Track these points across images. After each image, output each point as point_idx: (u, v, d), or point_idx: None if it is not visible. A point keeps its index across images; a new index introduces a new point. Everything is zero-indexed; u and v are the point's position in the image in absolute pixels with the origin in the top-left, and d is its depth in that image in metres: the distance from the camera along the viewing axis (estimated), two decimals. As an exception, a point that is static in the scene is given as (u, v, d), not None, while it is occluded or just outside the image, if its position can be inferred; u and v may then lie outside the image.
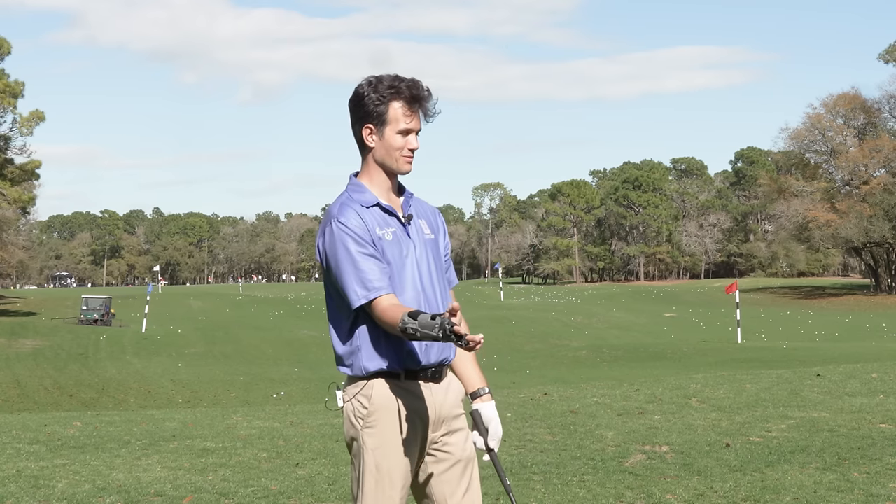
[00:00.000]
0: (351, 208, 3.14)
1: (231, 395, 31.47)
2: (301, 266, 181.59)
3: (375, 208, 3.19)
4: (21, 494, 6.43)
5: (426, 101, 3.19)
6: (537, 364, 38.09)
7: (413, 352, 3.16)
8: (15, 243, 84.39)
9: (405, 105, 3.16)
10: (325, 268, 3.18)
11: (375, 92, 3.15)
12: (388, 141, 3.18)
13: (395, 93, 3.15)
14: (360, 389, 3.16)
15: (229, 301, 76.64)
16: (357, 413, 3.16)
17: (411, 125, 3.18)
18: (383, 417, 3.13)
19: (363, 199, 3.18)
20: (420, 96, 3.17)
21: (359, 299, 3.06)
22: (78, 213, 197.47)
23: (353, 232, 3.09)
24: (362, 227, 3.11)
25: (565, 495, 6.02)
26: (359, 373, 3.16)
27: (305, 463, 7.52)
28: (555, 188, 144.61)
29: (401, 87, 3.16)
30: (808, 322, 59.61)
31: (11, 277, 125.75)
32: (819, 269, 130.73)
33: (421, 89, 3.18)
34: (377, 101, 3.15)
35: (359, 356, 3.15)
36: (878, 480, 6.08)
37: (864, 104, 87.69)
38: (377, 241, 3.14)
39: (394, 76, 3.18)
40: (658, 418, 9.29)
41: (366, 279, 3.05)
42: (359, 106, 3.19)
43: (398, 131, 3.17)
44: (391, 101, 3.15)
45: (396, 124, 3.16)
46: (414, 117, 3.18)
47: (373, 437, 3.13)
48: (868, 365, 15.58)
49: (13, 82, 61.69)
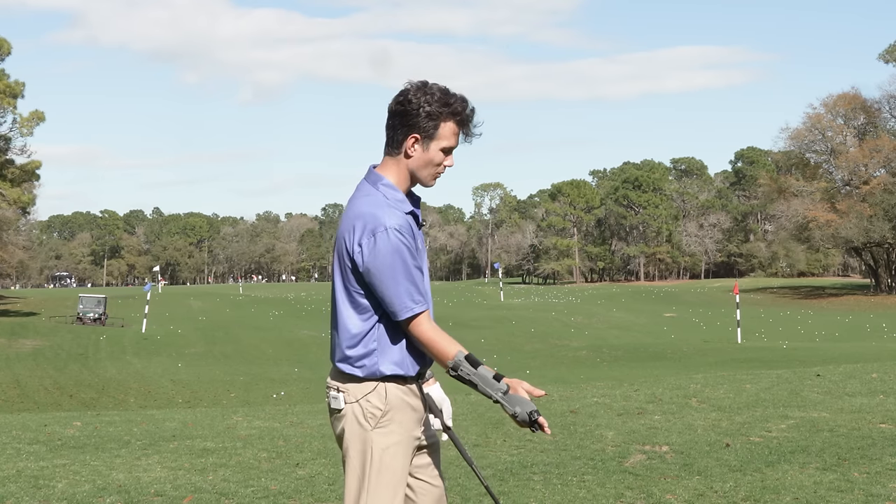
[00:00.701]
0: (400, 215, 3.12)
1: (231, 395, 31.47)
2: (301, 266, 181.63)
3: (409, 216, 3.19)
4: (21, 494, 6.43)
5: (473, 123, 3.23)
6: (537, 364, 38.10)
7: (421, 358, 3.22)
8: (15, 243, 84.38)
9: (456, 125, 3.18)
10: (355, 269, 3.12)
11: (429, 105, 3.13)
12: (430, 155, 3.18)
13: (451, 113, 3.16)
14: (370, 391, 3.17)
15: (229, 301, 76.65)
16: (368, 414, 3.16)
17: (454, 144, 3.21)
18: (395, 418, 3.17)
19: (402, 206, 3.17)
20: (471, 118, 3.21)
21: (408, 311, 3.08)
22: (78, 213, 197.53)
23: (408, 242, 3.09)
24: (411, 234, 3.13)
25: (565, 495, 6.02)
26: (369, 375, 3.17)
27: (305, 463, 7.52)
28: (555, 188, 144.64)
29: (456, 107, 3.16)
30: (808, 322, 59.61)
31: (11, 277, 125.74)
32: (819, 269, 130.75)
33: (473, 110, 3.21)
34: (432, 116, 3.14)
35: (372, 359, 3.15)
36: (878, 480, 6.08)
37: (864, 104, 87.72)
38: (419, 251, 3.17)
39: (444, 90, 3.17)
40: (658, 418, 9.29)
41: (413, 293, 3.08)
42: (409, 114, 3.15)
43: (442, 148, 3.18)
44: (446, 119, 3.16)
45: (442, 142, 3.17)
46: (457, 136, 3.21)
47: (386, 436, 3.15)
48: (868, 365, 15.58)
49: (13, 82, 61.73)
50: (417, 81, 3.20)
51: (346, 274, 3.14)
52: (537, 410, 3.01)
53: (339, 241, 3.17)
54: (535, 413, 2.99)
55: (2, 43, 61.61)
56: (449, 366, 3.06)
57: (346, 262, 3.13)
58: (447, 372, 3.10)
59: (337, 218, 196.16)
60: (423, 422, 3.28)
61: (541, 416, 3.02)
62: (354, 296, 3.14)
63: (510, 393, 3.06)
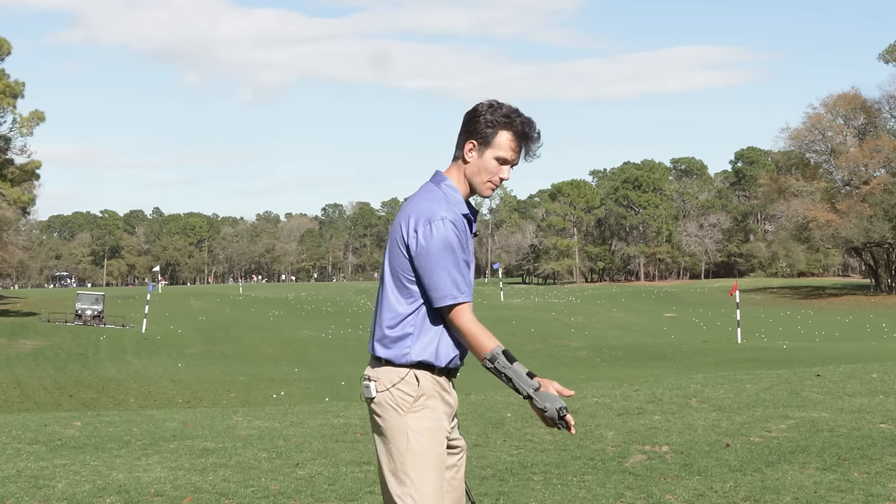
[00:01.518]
0: (456, 212, 3.28)
1: (231, 395, 31.48)
2: (301, 266, 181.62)
3: (465, 218, 3.34)
4: (21, 494, 6.43)
5: (533, 142, 3.37)
6: (537, 364, 38.06)
7: (453, 352, 3.33)
8: (15, 243, 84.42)
9: (513, 137, 3.33)
10: (409, 254, 3.26)
11: (492, 115, 3.33)
12: (484, 162, 3.35)
13: (508, 123, 3.33)
14: (402, 378, 3.28)
15: (229, 301, 76.64)
16: (400, 400, 3.27)
17: (510, 157, 3.34)
18: (428, 404, 3.27)
19: (459, 206, 3.33)
20: (529, 135, 3.35)
21: (452, 299, 3.22)
22: (78, 213, 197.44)
23: (459, 234, 3.25)
24: (464, 232, 3.29)
25: (565, 495, 6.02)
26: (399, 360, 3.28)
27: (305, 463, 7.52)
28: (555, 188, 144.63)
29: (515, 120, 3.33)
30: (808, 322, 59.60)
31: (11, 277, 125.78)
32: (819, 269, 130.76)
33: (533, 129, 3.36)
34: (490, 124, 3.32)
35: (406, 342, 3.28)
36: (878, 480, 6.08)
37: (864, 104, 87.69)
38: (468, 249, 3.31)
39: (513, 108, 3.36)
40: (658, 418, 9.30)
41: (459, 282, 3.23)
42: (472, 122, 3.36)
43: (496, 157, 3.34)
44: (502, 129, 3.33)
45: (497, 150, 3.33)
46: (515, 151, 3.35)
47: (422, 419, 3.26)
48: (868, 365, 15.59)
49: (13, 82, 61.70)
50: (493, 100, 3.40)
51: (398, 259, 3.29)
52: (566, 408, 3.17)
53: (396, 227, 3.33)
54: (564, 410, 3.15)
55: (2, 43, 61.59)
56: (486, 357, 3.21)
57: (400, 248, 3.28)
58: (483, 363, 3.24)
59: (337, 218, 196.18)
60: (452, 417, 3.37)
61: (568, 414, 3.16)
62: (403, 280, 3.29)
63: (541, 390, 3.19)
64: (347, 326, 57.61)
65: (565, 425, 3.15)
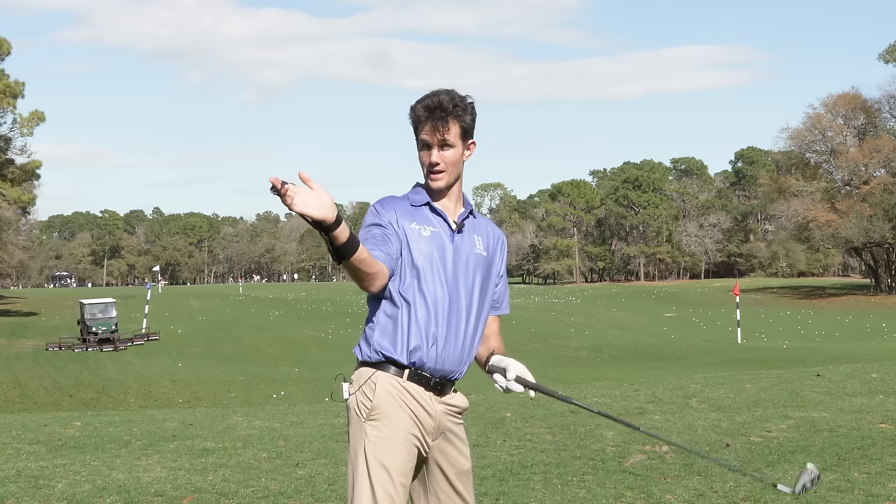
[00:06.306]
0: (393, 200, 3.20)
1: (231, 395, 31.49)
2: (301, 266, 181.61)
3: (424, 207, 3.21)
4: (21, 494, 6.43)
5: (444, 107, 3.09)
6: (537, 364, 38.07)
7: (425, 354, 3.12)
8: (15, 243, 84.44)
9: (421, 118, 3.12)
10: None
11: (412, 110, 3.16)
12: (419, 157, 3.19)
13: (412, 108, 3.14)
14: (364, 381, 3.11)
15: (229, 301, 76.63)
16: (361, 405, 3.10)
17: (427, 138, 3.13)
18: (387, 413, 3.07)
19: (415, 199, 3.22)
20: (432, 105, 3.09)
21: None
22: (78, 213, 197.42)
23: (375, 213, 3.13)
24: (389, 213, 3.13)
25: (565, 495, 6.02)
26: (366, 356, 3.15)
27: (305, 463, 7.52)
28: (555, 188, 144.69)
29: (419, 100, 3.14)
30: (808, 322, 59.62)
31: (11, 277, 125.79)
32: (819, 269, 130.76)
33: (434, 97, 3.11)
34: (411, 119, 3.16)
35: (372, 336, 3.17)
36: (878, 480, 6.08)
37: (864, 104, 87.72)
38: (407, 231, 3.13)
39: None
40: (658, 418, 9.30)
41: (364, 240, 3.05)
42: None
43: (420, 144, 3.17)
44: (412, 116, 3.15)
45: (420, 136, 3.15)
46: (432, 130, 3.11)
47: (376, 429, 3.05)
48: (868, 365, 15.60)
49: (13, 82, 61.72)
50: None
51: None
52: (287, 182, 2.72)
53: None
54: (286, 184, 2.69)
55: (1, 43, 61.59)
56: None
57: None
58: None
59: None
60: (429, 430, 3.14)
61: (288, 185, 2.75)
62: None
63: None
64: (347, 326, 57.60)
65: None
